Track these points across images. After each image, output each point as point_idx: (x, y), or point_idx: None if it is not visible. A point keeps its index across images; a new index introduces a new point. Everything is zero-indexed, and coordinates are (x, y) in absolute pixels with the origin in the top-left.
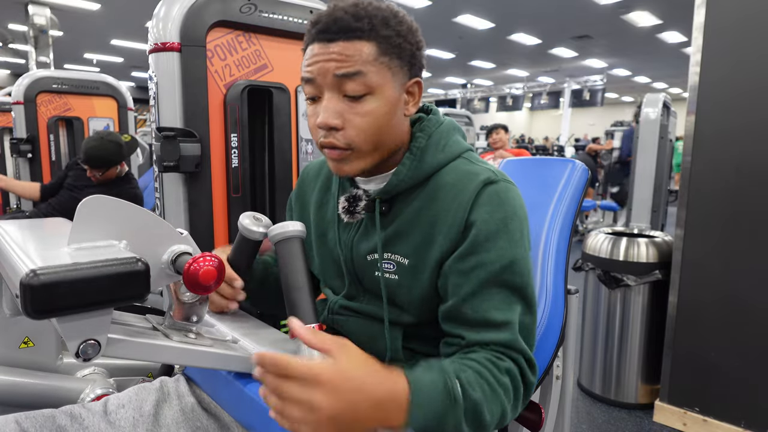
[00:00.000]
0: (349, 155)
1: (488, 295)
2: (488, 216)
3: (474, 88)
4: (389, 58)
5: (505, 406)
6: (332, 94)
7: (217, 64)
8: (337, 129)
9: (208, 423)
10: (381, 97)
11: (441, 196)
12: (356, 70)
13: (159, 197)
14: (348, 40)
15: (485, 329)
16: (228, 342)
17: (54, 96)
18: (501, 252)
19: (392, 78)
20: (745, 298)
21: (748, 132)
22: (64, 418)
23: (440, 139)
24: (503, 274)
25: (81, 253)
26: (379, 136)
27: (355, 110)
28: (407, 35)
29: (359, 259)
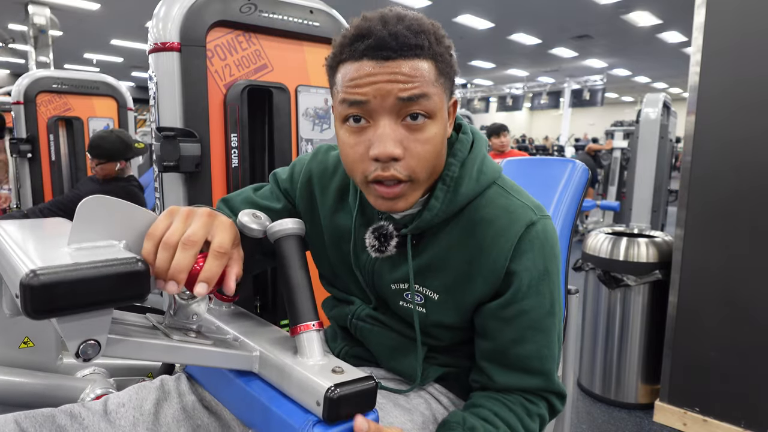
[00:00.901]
0: (407, 190)
1: (529, 341)
2: (531, 264)
3: (474, 88)
4: (444, 78)
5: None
6: (390, 120)
7: (217, 64)
8: (397, 160)
9: (209, 421)
10: (439, 122)
11: (478, 233)
12: (423, 92)
13: (159, 197)
14: (409, 59)
15: (521, 375)
16: (229, 340)
17: (54, 96)
18: (542, 298)
19: (445, 100)
20: (745, 298)
21: (749, 132)
22: (63, 417)
23: (473, 165)
24: (545, 319)
25: (81, 253)
26: (435, 164)
27: (415, 137)
28: (449, 50)
29: (382, 285)
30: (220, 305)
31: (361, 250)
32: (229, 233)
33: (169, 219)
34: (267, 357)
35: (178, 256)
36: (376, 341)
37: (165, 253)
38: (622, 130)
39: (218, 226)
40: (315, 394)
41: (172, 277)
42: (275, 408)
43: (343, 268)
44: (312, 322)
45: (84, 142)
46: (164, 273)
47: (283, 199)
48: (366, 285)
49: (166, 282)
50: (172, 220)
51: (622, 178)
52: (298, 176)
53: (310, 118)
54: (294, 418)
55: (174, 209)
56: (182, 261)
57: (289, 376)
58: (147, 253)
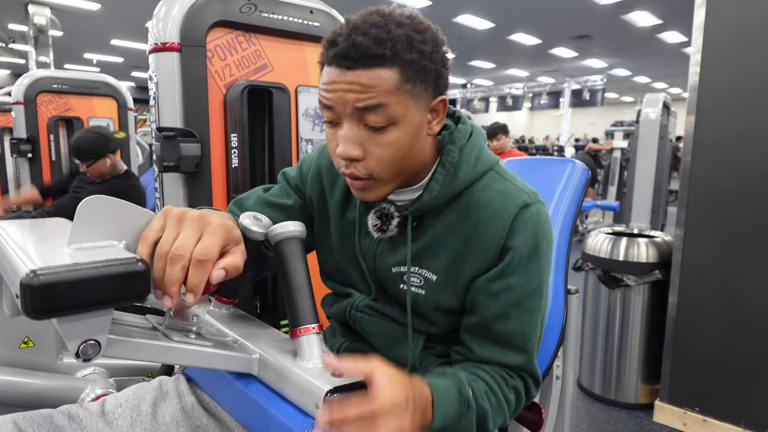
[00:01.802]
0: (370, 185)
1: (513, 317)
2: (522, 242)
3: (474, 88)
4: (413, 85)
5: (507, 416)
6: (353, 124)
7: (217, 64)
8: (358, 160)
9: (208, 422)
10: (404, 127)
11: (475, 214)
12: (377, 103)
13: (159, 197)
14: (368, 68)
15: (503, 351)
16: (228, 342)
17: (54, 96)
18: (530, 276)
19: (416, 104)
20: (745, 298)
21: (749, 132)
22: (61, 418)
23: (472, 152)
24: (531, 298)
25: (81, 253)
26: (401, 164)
27: (376, 141)
28: (432, 54)
29: (383, 270)
30: (219, 307)
31: (365, 237)
32: (215, 238)
33: (163, 220)
34: (266, 359)
35: (168, 271)
36: (375, 332)
37: (159, 263)
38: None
39: (207, 231)
40: (314, 397)
41: (165, 291)
42: (274, 410)
43: (347, 259)
44: (312, 324)
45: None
46: (159, 282)
47: (294, 195)
48: (368, 272)
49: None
50: (165, 223)
51: (622, 178)
52: (308, 171)
53: (310, 118)
54: (293, 420)
55: (168, 210)
56: (172, 276)
57: (288, 378)
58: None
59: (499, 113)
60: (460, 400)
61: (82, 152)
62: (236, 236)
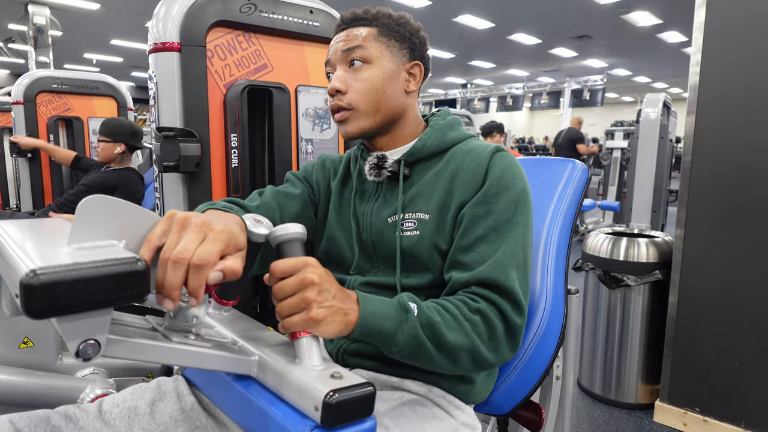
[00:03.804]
0: (350, 115)
1: (491, 241)
2: (499, 172)
3: (474, 88)
4: (387, 39)
5: (473, 339)
6: (341, 67)
7: (217, 64)
8: (342, 92)
9: (207, 422)
10: (378, 67)
11: (458, 158)
12: (356, 45)
13: (159, 197)
14: (354, 27)
15: (476, 268)
16: (227, 344)
17: (54, 96)
18: (506, 206)
19: (390, 54)
20: (746, 297)
21: (749, 132)
22: (58, 418)
23: (454, 122)
24: (507, 227)
25: (81, 253)
26: (376, 99)
27: (356, 77)
28: (405, 24)
29: (379, 224)
30: (219, 309)
31: (360, 200)
32: (216, 243)
33: (167, 225)
34: (266, 361)
35: (169, 274)
36: None
37: (162, 269)
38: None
39: (209, 236)
40: (313, 399)
41: (166, 295)
42: (273, 412)
43: (339, 229)
44: None
45: (84, 142)
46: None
47: (301, 185)
48: (361, 232)
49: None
50: (169, 227)
51: (622, 178)
52: (311, 167)
53: (310, 118)
54: (292, 422)
55: (172, 214)
56: (173, 280)
57: (287, 380)
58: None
59: (499, 113)
60: (395, 306)
61: (106, 126)
62: (239, 242)
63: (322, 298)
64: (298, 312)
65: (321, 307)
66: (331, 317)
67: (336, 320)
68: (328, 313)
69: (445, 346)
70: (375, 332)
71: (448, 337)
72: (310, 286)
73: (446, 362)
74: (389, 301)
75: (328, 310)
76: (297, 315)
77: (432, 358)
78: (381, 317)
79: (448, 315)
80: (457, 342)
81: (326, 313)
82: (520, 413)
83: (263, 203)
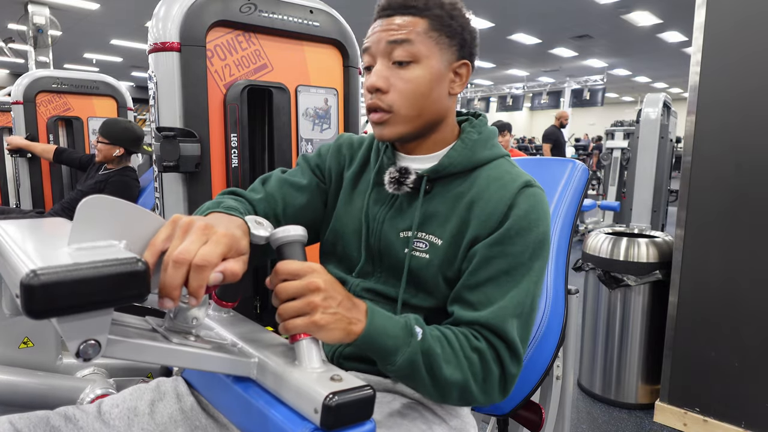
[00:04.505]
0: (389, 118)
1: (501, 285)
2: (523, 213)
3: (474, 88)
4: (438, 34)
5: (467, 377)
6: (382, 61)
7: (217, 63)
8: (382, 92)
9: (206, 422)
10: (426, 67)
11: (481, 184)
12: (404, 38)
13: (159, 197)
14: (403, 15)
15: (479, 311)
16: (227, 345)
17: (54, 96)
18: (523, 249)
19: (439, 52)
20: (746, 298)
21: (749, 132)
22: (58, 419)
23: (489, 138)
24: (521, 270)
25: (81, 253)
26: (419, 103)
27: (399, 75)
28: (458, 18)
29: (390, 234)
30: (219, 311)
31: (374, 202)
32: (218, 246)
33: (171, 229)
34: (265, 363)
35: (170, 274)
36: None
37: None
38: (622, 130)
39: (212, 239)
40: (313, 402)
41: (166, 294)
42: (272, 414)
43: (348, 225)
44: None
45: (84, 142)
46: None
47: (310, 175)
48: (369, 236)
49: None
50: (173, 231)
51: (622, 178)
52: (326, 152)
53: (310, 118)
54: (291, 424)
55: (176, 219)
56: (173, 280)
57: (287, 382)
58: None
59: (499, 113)
60: (401, 326)
61: (106, 127)
62: (240, 246)
63: (327, 304)
64: (301, 315)
65: (325, 313)
66: (334, 324)
67: (339, 327)
68: (331, 320)
69: (439, 379)
70: (376, 347)
71: (444, 370)
72: (315, 291)
73: (435, 392)
74: (397, 320)
75: (332, 317)
76: (300, 318)
77: (423, 385)
78: (385, 335)
79: (448, 348)
80: (452, 378)
81: (330, 320)
82: (520, 413)
83: (267, 195)
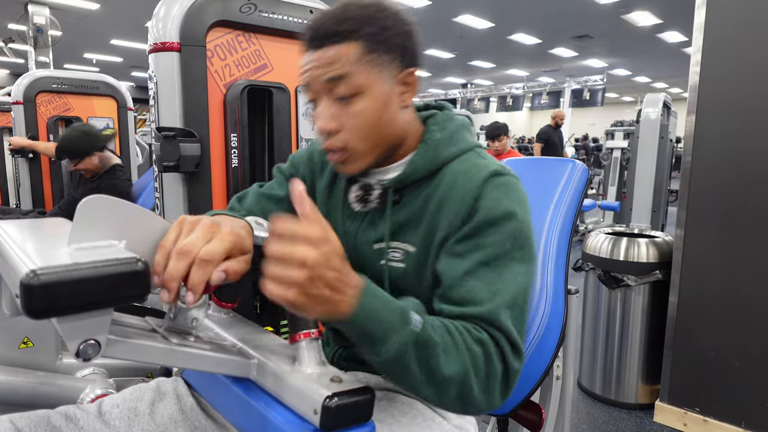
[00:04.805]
0: (348, 157)
1: (480, 277)
2: (493, 203)
3: (474, 88)
4: (376, 55)
5: (468, 371)
6: (325, 99)
7: (217, 64)
8: (333, 133)
9: (206, 423)
10: (371, 96)
11: (447, 182)
12: (341, 73)
13: (159, 197)
14: (332, 44)
15: (468, 305)
16: (227, 346)
17: (54, 96)
18: (503, 237)
19: (381, 74)
20: (746, 298)
21: (749, 132)
22: (59, 418)
23: (454, 132)
24: (503, 260)
25: (81, 253)
26: (373, 134)
27: (347, 112)
28: (394, 26)
29: (364, 248)
30: (219, 312)
31: (347, 216)
32: (223, 243)
33: (179, 230)
34: (265, 364)
35: (172, 264)
36: None
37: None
38: (622, 130)
39: (217, 237)
40: (312, 403)
41: (165, 285)
42: (272, 415)
43: None
44: (311, 330)
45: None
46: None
47: (287, 185)
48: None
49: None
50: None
51: (622, 178)
52: (299, 160)
53: (310, 118)
54: (291, 426)
55: (183, 219)
56: (174, 271)
57: (286, 383)
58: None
59: (499, 113)
60: (394, 309)
61: (67, 152)
62: (244, 246)
63: (311, 284)
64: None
65: (307, 294)
66: (312, 305)
67: (318, 310)
68: (310, 302)
69: (435, 373)
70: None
71: (442, 363)
72: (300, 267)
73: (430, 390)
74: (394, 304)
75: (312, 300)
76: (277, 286)
77: (415, 381)
78: (376, 320)
79: (448, 338)
80: (450, 371)
81: (307, 301)
82: (520, 413)
83: (246, 213)
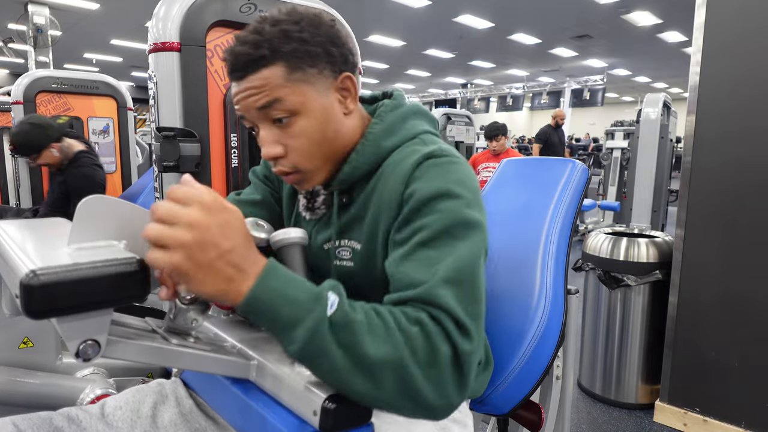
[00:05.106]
0: (302, 177)
1: (417, 258)
2: (425, 185)
3: (474, 88)
4: (302, 71)
5: (403, 353)
6: (264, 125)
7: (217, 63)
8: (280, 157)
9: (206, 425)
10: (308, 113)
11: (387, 172)
12: (271, 99)
13: (159, 197)
14: (254, 72)
15: (406, 289)
16: (226, 347)
17: (53, 96)
18: (441, 215)
19: (313, 87)
20: (746, 298)
21: (749, 132)
22: (61, 420)
23: (395, 122)
24: (443, 238)
25: (81, 253)
26: (320, 150)
27: (288, 135)
28: (313, 36)
29: (318, 251)
30: (219, 313)
31: (305, 223)
32: None
33: None
34: (264, 365)
35: None
36: None
37: None
38: (622, 130)
39: None
40: (312, 404)
41: (162, 280)
42: (271, 417)
43: None
44: None
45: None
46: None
47: (262, 187)
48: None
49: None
50: None
51: (622, 178)
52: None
53: None
54: (290, 427)
55: None
56: None
57: (286, 385)
58: None
59: (499, 113)
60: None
61: (22, 147)
62: None
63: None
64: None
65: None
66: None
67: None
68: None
69: (362, 358)
70: (268, 316)
71: (368, 345)
72: (187, 227)
73: (361, 378)
74: (305, 285)
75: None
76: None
77: (340, 368)
78: (282, 300)
79: (376, 319)
80: (378, 354)
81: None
82: (519, 413)
83: None
